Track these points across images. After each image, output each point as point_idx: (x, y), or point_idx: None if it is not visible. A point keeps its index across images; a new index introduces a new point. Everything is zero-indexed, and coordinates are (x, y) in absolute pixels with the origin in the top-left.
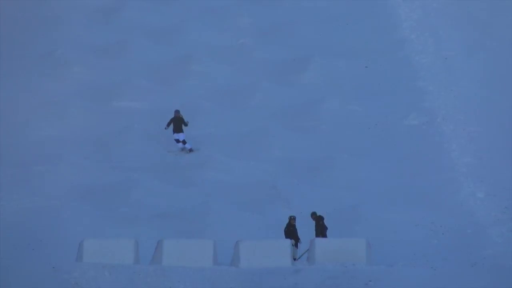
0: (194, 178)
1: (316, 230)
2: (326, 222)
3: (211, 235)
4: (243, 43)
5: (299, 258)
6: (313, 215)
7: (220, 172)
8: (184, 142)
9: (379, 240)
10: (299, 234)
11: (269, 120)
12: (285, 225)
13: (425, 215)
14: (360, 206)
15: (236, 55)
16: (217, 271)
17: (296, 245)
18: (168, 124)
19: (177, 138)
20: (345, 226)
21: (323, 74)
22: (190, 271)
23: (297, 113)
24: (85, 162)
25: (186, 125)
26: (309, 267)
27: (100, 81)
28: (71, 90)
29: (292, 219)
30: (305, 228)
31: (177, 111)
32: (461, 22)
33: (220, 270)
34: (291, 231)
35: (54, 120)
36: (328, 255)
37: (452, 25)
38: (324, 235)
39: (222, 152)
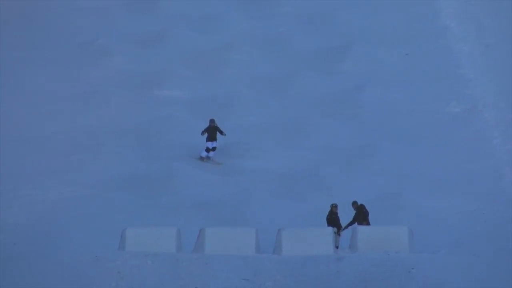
0: (235, 167)
1: (358, 218)
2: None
3: (253, 223)
4: (283, 31)
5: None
6: (354, 204)
7: (261, 161)
8: (213, 149)
9: (422, 227)
10: (341, 222)
11: (310, 108)
12: (327, 213)
13: (468, 203)
14: (402, 193)
15: (276, 44)
16: (260, 259)
17: (338, 233)
18: (204, 132)
19: (209, 146)
20: (387, 214)
21: (364, 62)
22: (232, 259)
23: (338, 101)
24: (125, 151)
25: (222, 134)
26: (352, 255)
27: (141, 70)
28: (112, 79)
29: (334, 207)
30: (347, 216)
31: (212, 120)
32: (502, 9)
33: (263, 258)
34: (333, 219)
35: (95, 109)
36: (371, 243)
37: (492, 13)
38: (368, 222)
39: (263, 141)
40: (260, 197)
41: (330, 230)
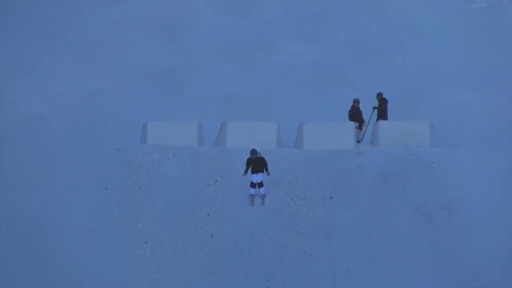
0: (259, 61)
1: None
2: (390, 104)
3: (275, 117)
4: None
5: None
6: (379, 96)
7: (285, 55)
8: (260, 184)
9: (444, 122)
10: (363, 117)
11: (335, 2)
12: (349, 108)
13: (491, 98)
14: (425, 88)
15: None
16: (281, 153)
17: (360, 127)
18: (246, 170)
19: (253, 180)
20: (410, 108)
21: None
22: None
23: None
24: (149, 44)
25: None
26: (373, 149)
27: None
28: None
29: (356, 102)
30: (369, 111)
31: (253, 151)
32: None
33: (284, 152)
34: (355, 114)
35: (119, 2)
36: (392, 137)
37: None
38: (385, 118)
39: (287, 35)
40: (283, 91)
41: (352, 124)
